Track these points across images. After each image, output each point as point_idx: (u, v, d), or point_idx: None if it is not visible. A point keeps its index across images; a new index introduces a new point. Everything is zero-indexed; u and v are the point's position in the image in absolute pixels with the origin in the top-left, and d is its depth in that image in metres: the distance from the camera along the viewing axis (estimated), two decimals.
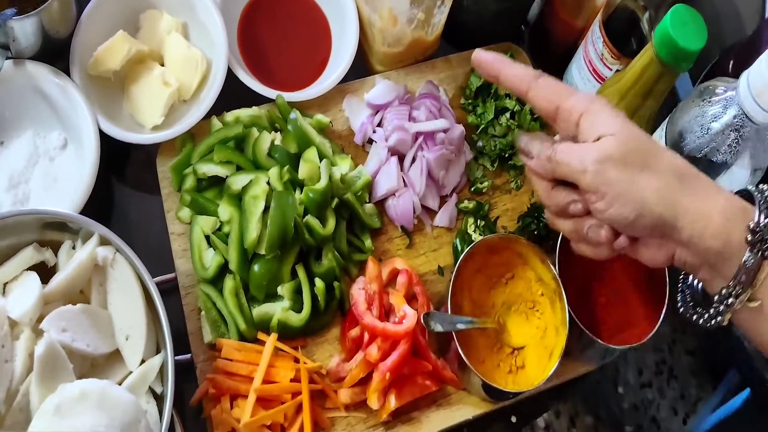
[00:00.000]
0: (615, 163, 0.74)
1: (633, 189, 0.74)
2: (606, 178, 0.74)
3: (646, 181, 0.74)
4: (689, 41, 0.93)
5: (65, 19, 1.06)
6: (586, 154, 0.75)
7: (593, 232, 0.79)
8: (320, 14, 1.20)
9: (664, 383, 2.20)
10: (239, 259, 1.01)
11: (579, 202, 0.78)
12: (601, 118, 0.76)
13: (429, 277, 1.12)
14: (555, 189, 0.80)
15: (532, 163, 0.81)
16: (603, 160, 0.74)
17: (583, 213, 0.79)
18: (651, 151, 0.75)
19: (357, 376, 1.01)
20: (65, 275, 0.93)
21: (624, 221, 0.75)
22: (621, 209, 0.74)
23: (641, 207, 0.74)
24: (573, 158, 0.76)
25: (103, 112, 1.07)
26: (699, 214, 0.74)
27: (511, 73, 0.81)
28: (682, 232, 0.74)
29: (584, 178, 0.75)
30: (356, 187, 1.08)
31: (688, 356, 2.22)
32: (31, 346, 0.88)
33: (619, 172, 0.74)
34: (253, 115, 1.09)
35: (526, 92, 0.80)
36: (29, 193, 1.06)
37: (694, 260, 0.76)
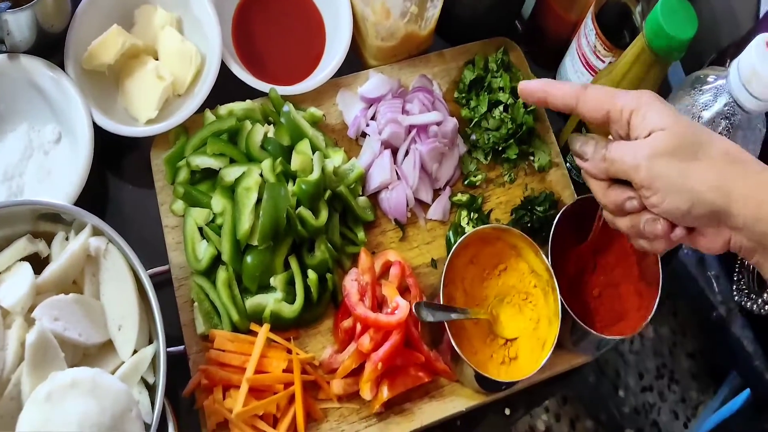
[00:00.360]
0: (666, 157, 0.76)
1: (685, 181, 0.76)
2: (658, 172, 0.76)
3: (697, 172, 0.76)
4: (679, 30, 0.93)
5: (60, 12, 1.07)
6: (639, 150, 0.77)
7: (650, 226, 0.80)
8: (314, 8, 1.21)
9: (665, 387, 2.20)
10: (232, 251, 1.01)
11: (635, 198, 0.80)
12: (651, 113, 0.78)
13: (422, 269, 1.12)
14: (611, 188, 0.82)
15: (587, 164, 0.84)
16: (655, 155, 0.76)
17: (639, 209, 0.81)
18: (701, 141, 0.77)
19: (349, 367, 1.01)
20: (58, 265, 0.93)
21: (679, 213, 0.77)
22: (674, 201, 0.76)
23: (694, 197, 0.76)
24: (626, 155, 0.78)
25: (97, 105, 1.07)
26: (751, 198, 0.75)
27: (558, 93, 0.84)
28: (737, 217, 0.76)
29: (638, 175, 0.77)
30: (349, 179, 1.08)
31: (688, 359, 2.22)
32: (23, 335, 0.88)
33: (671, 166, 0.76)
34: (246, 108, 1.10)
35: (576, 106, 0.83)
36: (23, 186, 1.07)
37: (750, 244, 0.78)
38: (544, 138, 1.20)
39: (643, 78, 1.01)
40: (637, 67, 1.00)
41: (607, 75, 1.06)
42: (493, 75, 1.18)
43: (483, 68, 1.19)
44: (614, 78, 1.04)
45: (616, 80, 1.04)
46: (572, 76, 1.18)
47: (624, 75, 1.02)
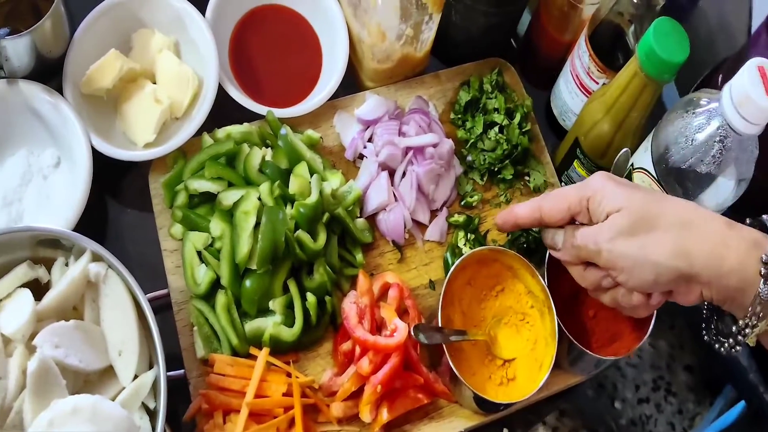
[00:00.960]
0: (624, 236, 0.80)
1: (646, 254, 0.80)
2: (619, 253, 0.81)
3: (655, 243, 0.80)
4: (672, 53, 0.94)
5: (58, 38, 1.07)
6: (599, 235, 0.82)
7: (626, 299, 0.85)
8: (310, 31, 1.22)
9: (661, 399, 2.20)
10: (231, 275, 1.01)
11: (608, 276, 0.85)
12: (605, 196, 0.83)
13: (420, 291, 1.13)
14: (587, 270, 0.87)
15: (560, 254, 0.89)
16: (613, 238, 0.81)
17: (615, 285, 0.86)
18: (654, 212, 0.81)
19: (349, 390, 1.01)
20: (58, 292, 0.94)
21: (647, 285, 0.82)
22: (640, 275, 0.81)
23: (657, 268, 0.79)
24: (589, 242, 0.84)
25: (95, 130, 1.08)
26: (712, 256, 0.79)
27: (523, 214, 0.92)
28: (701, 275, 0.79)
29: (600, 259, 0.83)
30: (347, 202, 1.09)
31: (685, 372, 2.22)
32: (24, 362, 0.89)
33: (629, 244, 0.81)
34: (244, 131, 1.10)
35: (540, 218, 0.89)
36: (23, 212, 1.07)
37: (719, 297, 0.81)
38: (539, 158, 1.21)
39: (636, 100, 1.02)
40: (631, 90, 1.01)
41: (600, 97, 1.07)
42: (488, 96, 1.19)
43: (478, 89, 1.20)
44: (607, 100, 1.05)
45: (609, 102, 1.05)
46: (566, 96, 1.19)
47: (617, 98, 1.03)
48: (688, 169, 0.94)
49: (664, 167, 0.97)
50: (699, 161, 0.93)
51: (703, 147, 0.92)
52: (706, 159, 0.93)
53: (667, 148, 0.97)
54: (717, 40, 1.33)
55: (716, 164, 0.93)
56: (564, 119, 1.23)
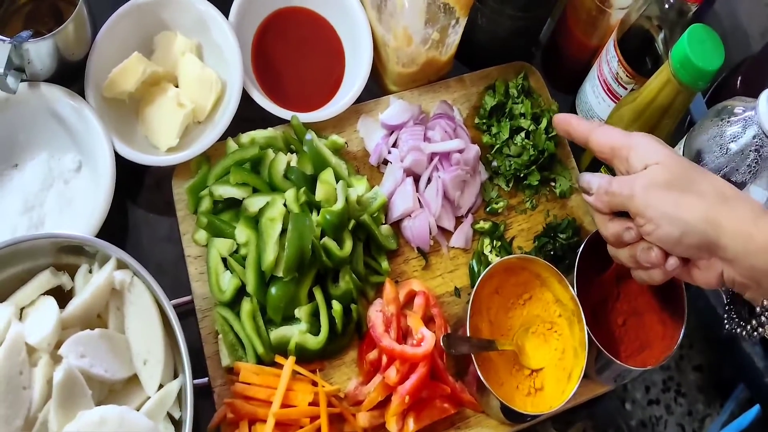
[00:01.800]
0: (660, 188, 0.82)
1: (677, 210, 0.81)
2: (651, 201, 0.82)
3: (689, 203, 0.81)
4: (706, 61, 0.93)
5: (80, 41, 1.06)
6: (635, 181, 0.83)
7: (644, 254, 0.85)
8: (334, 34, 1.20)
9: (671, 400, 2.19)
10: (256, 282, 1.00)
11: (632, 229, 0.85)
12: (646, 149, 0.85)
13: (445, 298, 1.11)
14: (612, 221, 0.88)
15: (591, 198, 0.89)
16: (648, 186, 0.82)
17: (636, 240, 0.86)
18: (693, 177, 0.83)
19: (375, 400, 1.00)
20: (82, 300, 0.92)
21: (671, 241, 0.82)
22: (667, 229, 0.81)
23: (685, 226, 0.80)
24: (624, 187, 0.84)
25: (117, 134, 1.06)
26: (740, 231, 0.79)
27: (578, 127, 0.92)
28: (727, 250, 0.80)
29: (632, 203, 0.83)
30: (372, 208, 1.08)
31: (695, 372, 2.21)
32: (50, 372, 0.87)
33: (664, 196, 0.81)
34: (268, 136, 1.09)
35: (587, 140, 0.91)
36: (44, 217, 1.05)
37: (742, 279, 0.81)
38: (565, 164, 1.20)
39: (668, 107, 1.00)
40: (663, 97, 1.00)
41: (630, 103, 1.05)
42: (514, 101, 1.18)
43: (504, 94, 1.19)
44: (638, 106, 1.03)
45: (640, 109, 1.03)
46: (593, 101, 1.17)
47: (648, 104, 1.02)
48: (722, 178, 0.93)
49: None
50: (733, 170, 0.92)
51: (738, 156, 0.91)
52: (741, 168, 0.91)
53: (700, 156, 0.96)
54: (731, 43, 1.32)
55: (751, 173, 0.92)
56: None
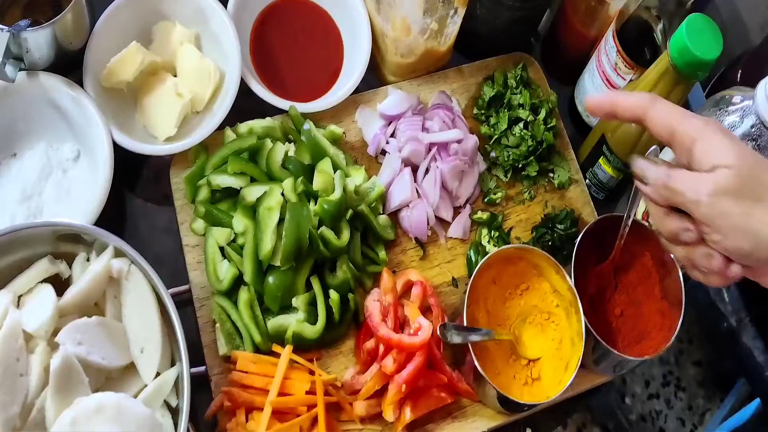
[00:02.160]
0: (729, 197, 0.73)
1: (749, 222, 0.73)
2: (720, 211, 0.73)
3: (762, 215, 0.72)
4: (705, 51, 0.93)
5: (78, 30, 1.06)
6: (701, 185, 0.74)
7: (705, 261, 0.77)
8: (332, 24, 1.20)
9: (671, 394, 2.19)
10: (254, 271, 1.00)
11: (692, 231, 0.77)
12: (715, 145, 0.74)
13: (443, 288, 1.11)
14: (669, 216, 0.79)
15: (647, 189, 0.80)
16: (717, 193, 0.73)
17: (695, 241, 0.78)
18: (766, 182, 0.74)
19: (372, 389, 1.00)
20: (80, 288, 0.93)
21: (741, 253, 0.75)
22: (737, 242, 0.74)
23: (758, 239, 0.73)
24: (688, 188, 0.75)
25: (116, 123, 1.06)
26: None
27: (626, 103, 0.80)
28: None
29: (698, 210, 0.74)
30: (370, 198, 1.08)
31: (695, 367, 2.21)
32: (47, 359, 0.88)
33: (734, 205, 0.73)
34: (266, 126, 1.09)
35: (644, 118, 0.79)
36: (42, 206, 1.06)
37: None
38: (564, 155, 1.20)
39: (667, 97, 1.00)
40: (661, 87, 1.00)
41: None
42: (512, 92, 1.18)
43: (502, 84, 1.19)
44: None
45: None
46: (592, 92, 1.17)
47: None
48: None
49: None
50: None
51: None
52: None
53: None
54: (731, 35, 1.32)
55: None
56: (588, 115, 1.21)
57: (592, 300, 1.07)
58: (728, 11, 1.31)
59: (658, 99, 0.79)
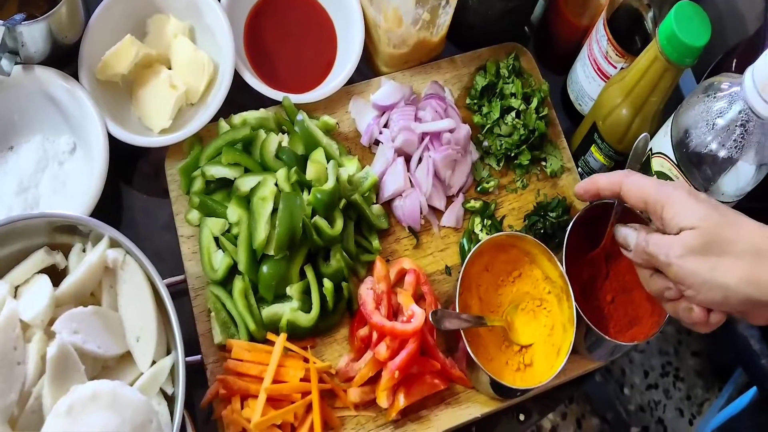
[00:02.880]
0: (695, 255, 0.80)
1: (715, 276, 0.79)
2: (689, 270, 0.80)
3: (726, 268, 0.79)
4: (693, 37, 0.94)
5: (73, 24, 1.07)
6: (670, 248, 0.82)
7: (686, 313, 0.85)
8: (325, 16, 1.21)
9: (670, 385, 2.21)
10: (248, 261, 1.01)
11: (672, 289, 0.85)
12: (681, 209, 0.82)
13: (436, 276, 1.12)
14: (653, 276, 0.87)
15: (631, 255, 0.88)
16: (684, 254, 0.80)
17: (677, 297, 0.85)
18: (729, 238, 0.80)
19: (366, 375, 1.01)
20: (76, 278, 0.94)
21: (715, 304, 0.82)
22: (708, 295, 0.81)
23: (726, 290, 0.80)
24: (660, 252, 0.83)
25: (111, 115, 1.07)
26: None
27: (604, 181, 0.90)
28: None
29: (670, 271, 0.82)
30: (363, 188, 1.09)
31: (693, 358, 2.23)
32: (43, 348, 0.88)
33: (701, 263, 0.80)
34: (260, 117, 1.10)
35: (620, 191, 0.88)
36: (39, 198, 1.07)
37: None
38: (556, 143, 1.20)
39: (656, 84, 1.01)
40: (651, 74, 1.01)
41: (619, 81, 1.06)
42: (504, 81, 1.19)
43: (495, 74, 1.20)
44: (627, 85, 1.04)
45: (628, 87, 1.04)
46: (583, 81, 1.18)
47: (637, 82, 1.03)
48: (709, 153, 0.94)
49: (684, 152, 0.97)
50: (720, 146, 0.93)
51: (725, 131, 0.92)
52: (727, 144, 0.92)
53: (687, 132, 0.96)
54: (727, 25, 1.33)
55: (737, 149, 0.92)
56: (580, 104, 1.22)
57: (584, 287, 1.08)
58: (724, 2, 1.31)
59: (632, 173, 0.89)
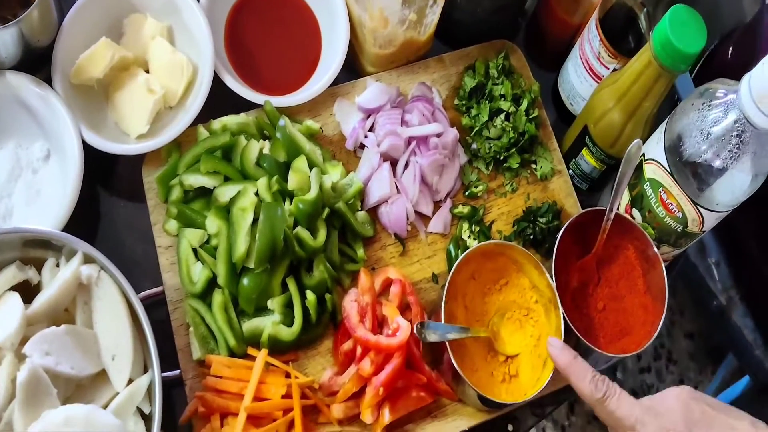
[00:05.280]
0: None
1: None
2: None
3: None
4: (688, 44, 0.92)
5: (46, 26, 1.04)
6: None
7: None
8: (310, 15, 1.18)
9: (663, 367, 2.20)
10: (228, 273, 0.99)
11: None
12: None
13: (423, 285, 1.10)
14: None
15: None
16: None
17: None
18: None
19: (350, 391, 1.00)
20: (49, 295, 0.92)
21: None
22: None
23: None
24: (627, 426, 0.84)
25: (86, 121, 1.05)
26: None
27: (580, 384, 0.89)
28: None
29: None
30: (348, 195, 1.06)
31: (686, 340, 2.22)
32: (14, 371, 0.87)
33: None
34: (240, 122, 1.07)
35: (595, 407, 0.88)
36: (12, 208, 1.04)
37: None
38: (547, 145, 1.17)
39: (650, 89, 0.99)
40: (644, 79, 0.99)
41: (611, 84, 1.04)
42: (494, 82, 1.16)
43: (483, 75, 1.16)
44: (619, 88, 1.02)
45: (621, 91, 1.02)
46: (575, 81, 1.15)
47: (630, 86, 1.00)
48: (703, 162, 0.91)
49: (677, 160, 0.95)
50: (715, 155, 0.90)
51: (719, 141, 0.90)
52: (722, 153, 0.90)
53: (680, 140, 0.94)
54: (724, 10, 1.30)
55: (732, 159, 0.90)
56: (572, 103, 1.19)
57: (574, 294, 1.06)
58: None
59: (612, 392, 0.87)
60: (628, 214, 1.07)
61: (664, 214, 1.01)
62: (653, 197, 1.01)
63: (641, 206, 1.04)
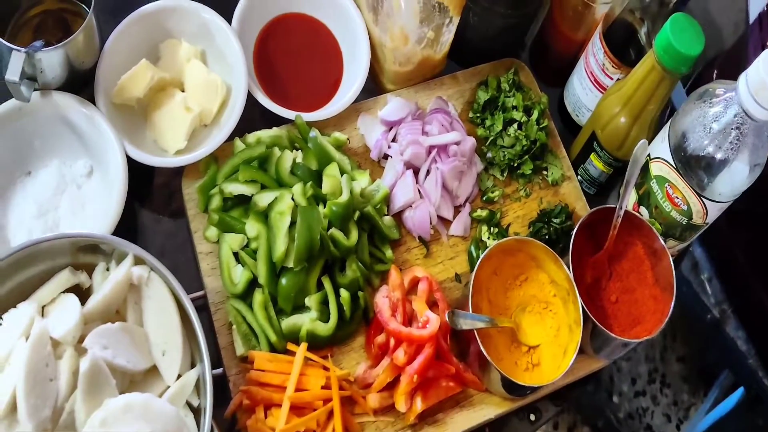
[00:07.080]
0: None
1: None
2: None
3: None
4: (688, 46, 0.98)
5: (89, 50, 1.10)
6: None
7: None
8: (331, 38, 1.25)
9: (657, 391, 2.24)
10: (268, 273, 1.04)
11: None
12: None
13: (447, 284, 1.16)
14: None
15: None
16: None
17: None
18: None
19: (385, 381, 1.05)
20: (102, 295, 0.96)
21: None
22: None
23: None
24: None
25: (127, 138, 1.10)
26: None
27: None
28: None
29: None
30: (375, 200, 1.12)
31: (678, 363, 2.26)
32: (75, 364, 0.91)
33: None
34: (273, 135, 1.13)
35: None
36: (59, 220, 1.09)
37: None
38: (556, 153, 1.25)
39: (653, 93, 1.06)
40: (648, 84, 1.05)
41: (616, 92, 1.10)
42: (506, 95, 1.23)
43: (496, 88, 1.24)
44: (624, 94, 1.08)
45: (626, 96, 1.08)
46: (580, 92, 1.22)
47: (634, 91, 1.07)
48: (706, 156, 0.98)
49: (682, 155, 1.02)
50: (717, 148, 0.97)
51: (721, 134, 0.97)
52: (723, 146, 0.97)
53: (684, 137, 1.01)
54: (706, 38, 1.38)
55: (733, 150, 0.97)
56: (578, 114, 1.26)
57: (589, 289, 1.12)
58: (702, 14, 1.35)
59: None
60: (636, 211, 1.14)
61: (670, 208, 1.08)
62: (660, 193, 1.08)
63: (648, 203, 1.11)
